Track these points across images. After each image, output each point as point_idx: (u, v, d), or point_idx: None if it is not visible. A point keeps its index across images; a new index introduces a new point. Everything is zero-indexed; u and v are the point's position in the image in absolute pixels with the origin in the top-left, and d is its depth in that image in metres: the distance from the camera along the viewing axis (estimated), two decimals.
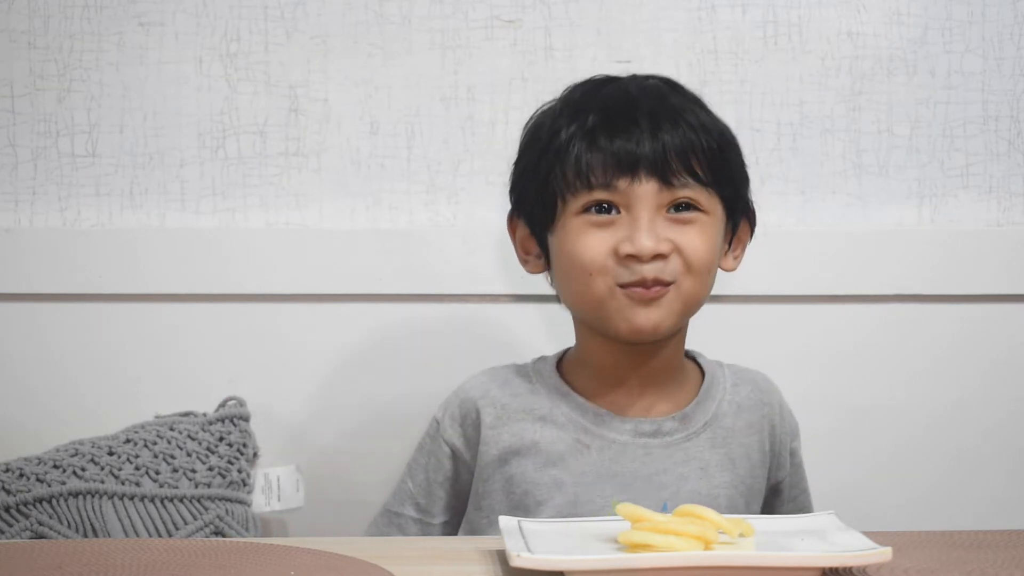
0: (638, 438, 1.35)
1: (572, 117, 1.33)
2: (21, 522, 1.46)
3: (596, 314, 1.33)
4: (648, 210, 1.30)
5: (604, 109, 1.32)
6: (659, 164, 1.30)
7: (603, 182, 1.30)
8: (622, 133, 1.30)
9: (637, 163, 1.29)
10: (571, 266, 1.32)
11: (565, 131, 1.32)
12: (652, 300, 1.30)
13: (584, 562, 1.02)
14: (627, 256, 1.29)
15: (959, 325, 1.75)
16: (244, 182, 1.71)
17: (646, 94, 1.34)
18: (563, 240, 1.33)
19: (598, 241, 1.30)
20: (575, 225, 1.31)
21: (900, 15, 1.74)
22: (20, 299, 1.68)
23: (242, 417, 1.60)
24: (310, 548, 1.14)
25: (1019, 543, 1.16)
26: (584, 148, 1.30)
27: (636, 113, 1.31)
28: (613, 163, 1.30)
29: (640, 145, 1.30)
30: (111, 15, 1.70)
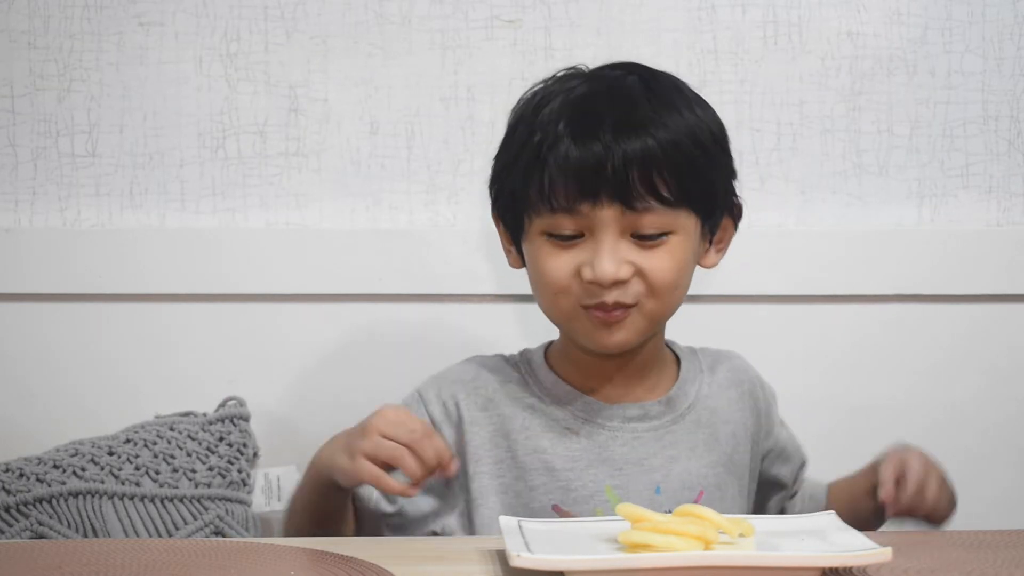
0: (627, 423, 1.36)
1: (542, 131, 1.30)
2: (21, 522, 1.46)
3: (564, 327, 1.35)
4: (610, 235, 1.28)
5: (570, 125, 1.29)
6: (622, 189, 1.27)
7: (565, 206, 1.28)
8: (585, 156, 1.27)
9: (599, 189, 1.27)
10: (539, 282, 1.33)
11: (533, 148, 1.30)
12: (614, 322, 1.30)
13: (584, 562, 1.02)
14: (588, 282, 1.29)
15: (959, 325, 1.75)
16: (244, 182, 1.71)
17: (617, 104, 1.30)
18: (530, 253, 1.33)
19: (562, 262, 1.30)
20: (540, 243, 1.31)
21: (900, 15, 1.74)
22: (20, 299, 1.69)
23: (242, 417, 1.60)
24: (310, 548, 1.14)
25: (1019, 543, 1.16)
26: (549, 171, 1.28)
27: (600, 132, 1.28)
28: (576, 188, 1.27)
29: (603, 170, 1.27)
30: (111, 15, 1.70)
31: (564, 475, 1.34)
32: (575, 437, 1.35)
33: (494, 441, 1.36)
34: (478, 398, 1.37)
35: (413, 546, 1.22)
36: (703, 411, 1.39)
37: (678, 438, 1.37)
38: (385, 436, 1.23)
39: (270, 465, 1.60)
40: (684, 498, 1.34)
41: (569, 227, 1.29)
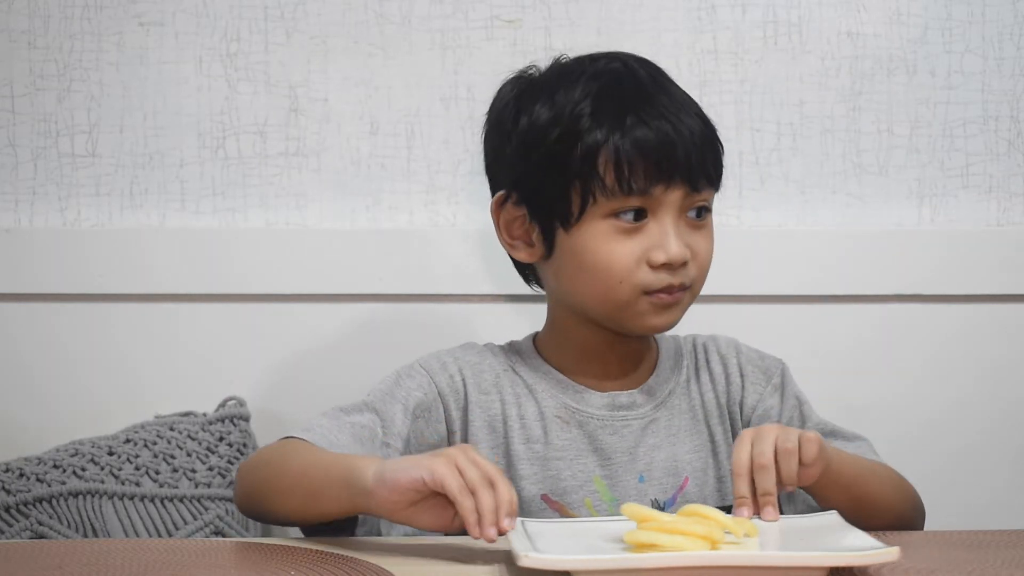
0: (616, 411, 1.36)
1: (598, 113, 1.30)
2: (21, 522, 1.46)
3: (613, 314, 1.32)
4: (673, 216, 1.29)
5: (634, 107, 1.30)
6: (689, 170, 1.29)
7: (641, 189, 1.28)
8: (660, 138, 1.28)
9: (673, 170, 1.28)
10: (596, 269, 1.30)
11: (599, 130, 1.29)
12: (674, 303, 1.31)
13: (591, 562, 1.02)
14: (660, 265, 1.29)
15: (959, 325, 1.75)
16: (244, 182, 1.71)
17: (657, 87, 1.33)
18: (586, 242, 1.30)
19: (627, 249, 1.29)
20: (603, 229, 1.29)
21: (900, 15, 1.74)
22: (20, 299, 1.68)
23: (242, 417, 1.60)
24: (310, 548, 1.14)
25: (1019, 543, 1.16)
26: (625, 152, 1.28)
27: (666, 113, 1.30)
28: (653, 170, 1.28)
29: (676, 151, 1.29)
30: (111, 15, 1.70)
31: (554, 464, 1.34)
32: (565, 427, 1.35)
33: (491, 427, 1.35)
34: (481, 381, 1.36)
35: (413, 546, 1.22)
36: (683, 397, 1.39)
37: (659, 426, 1.37)
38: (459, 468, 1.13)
39: None
40: (668, 485, 1.34)
41: (639, 207, 1.29)
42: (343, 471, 1.17)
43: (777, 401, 1.42)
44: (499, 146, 1.37)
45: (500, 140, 1.37)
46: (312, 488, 1.20)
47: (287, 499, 1.22)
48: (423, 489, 1.11)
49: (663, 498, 1.34)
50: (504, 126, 1.36)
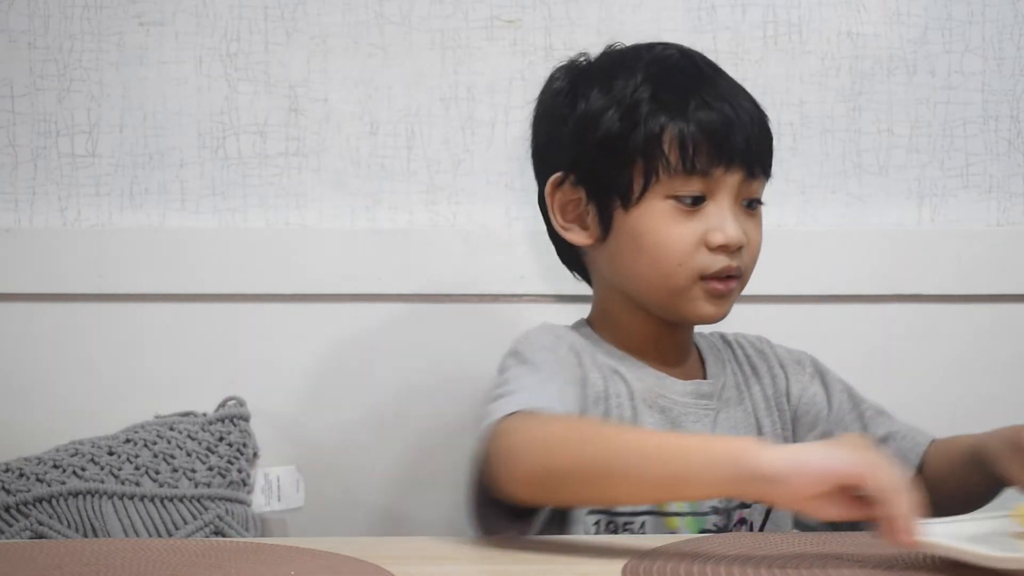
0: (699, 399, 1.36)
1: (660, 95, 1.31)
2: (21, 522, 1.46)
3: (667, 300, 1.32)
4: (730, 199, 1.31)
5: (697, 91, 1.31)
6: (747, 154, 1.31)
7: (704, 169, 1.29)
8: (723, 121, 1.30)
9: (733, 153, 1.30)
10: (656, 251, 1.30)
11: (664, 112, 1.30)
12: (727, 293, 1.32)
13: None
14: (717, 247, 1.29)
15: (959, 325, 1.75)
16: (244, 182, 1.71)
17: (714, 72, 1.34)
18: (645, 223, 1.31)
19: (687, 230, 1.30)
20: (663, 210, 1.30)
21: (900, 15, 1.74)
22: (20, 299, 1.69)
23: (242, 417, 1.60)
24: (310, 548, 1.14)
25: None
26: (690, 133, 1.29)
27: (727, 97, 1.31)
28: (716, 151, 1.29)
29: (736, 134, 1.30)
30: (111, 15, 1.70)
31: None
32: (649, 411, 1.33)
33: (595, 401, 1.32)
34: (586, 357, 1.34)
35: (413, 546, 1.22)
36: (732, 391, 1.39)
37: (723, 417, 1.37)
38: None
39: (270, 465, 1.60)
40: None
41: (697, 190, 1.30)
42: (715, 456, 1.09)
43: (820, 388, 1.44)
44: (553, 131, 1.37)
45: (554, 125, 1.37)
46: (665, 473, 1.11)
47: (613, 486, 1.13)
48: (837, 482, 1.05)
49: None
50: (559, 111, 1.36)
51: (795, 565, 1.04)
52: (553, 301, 1.69)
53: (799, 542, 1.15)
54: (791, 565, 1.05)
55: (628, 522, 1.30)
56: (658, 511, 1.31)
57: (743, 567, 1.04)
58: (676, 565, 1.05)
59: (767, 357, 1.44)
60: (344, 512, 1.68)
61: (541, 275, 1.69)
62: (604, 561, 1.09)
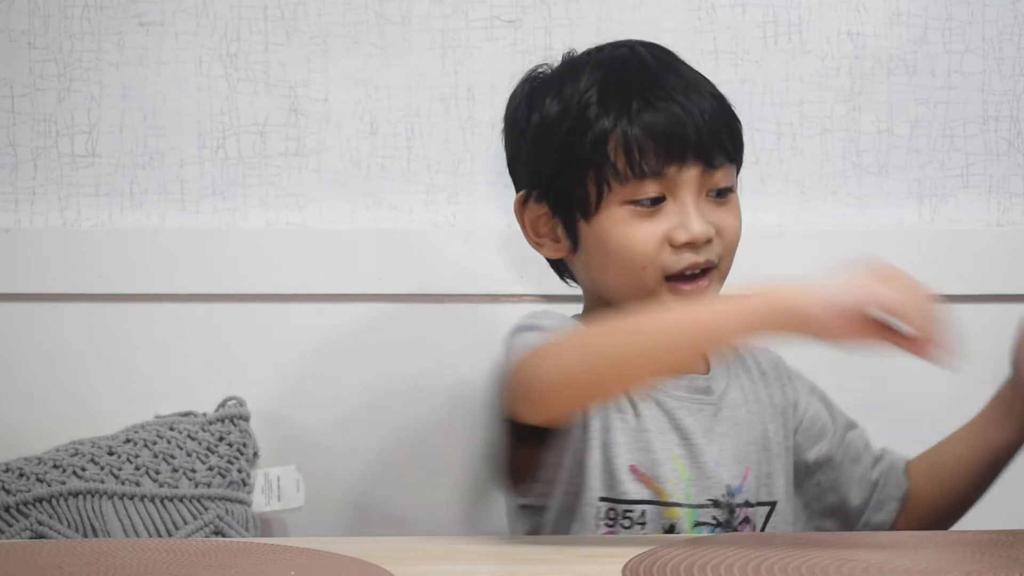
0: (694, 394, 1.35)
1: (606, 99, 1.30)
2: (21, 522, 1.46)
3: (640, 305, 1.31)
4: (692, 194, 1.30)
5: (640, 92, 1.30)
6: (703, 148, 1.30)
7: (654, 170, 1.29)
8: (669, 119, 1.29)
9: (685, 150, 1.29)
10: (619, 258, 1.30)
11: (606, 117, 1.29)
12: (695, 292, 1.31)
13: None
14: (682, 244, 1.29)
15: (959, 325, 1.74)
16: (244, 182, 1.71)
17: (665, 68, 1.34)
18: (606, 230, 1.31)
19: (648, 231, 1.29)
20: (621, 216, 1.30)
21: (900, 15, 1.74)
22: (20, 299, 1.68)
23: (242, 417, 1.60)
24: (310, 548, 1.14)
25: (1019, 543, 1.16)
26: (634, 136, 1.29)
27: (672, 94, 1.31)
28: (664, 151, 1.29)
29: (686, 130, 1.29)
30: (111, 15, 1.70)
31: (644, 436, 1.32)
32: (644, 403, 1.34)
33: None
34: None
35: (413, 546, 1.22)
36: (737, 390, 1.39)
37: (724, 414, 1.36)
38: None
39: (270, 465, 1.60)
40: (737, 473, 1.34)
41: (654, 191, 1.29)
42: (744, 301, 1.15)
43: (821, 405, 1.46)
44: (516, 145, 1.38)
45: (516, 139, 1.38)
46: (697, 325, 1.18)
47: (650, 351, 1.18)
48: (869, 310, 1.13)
49: (734, 484, 1.34)
50: (518, 125, 1.37)
51: (796, 565, 1.04)
52: (553, 301, 1.69)
53: (799, 542, 1.15)
54: (792, 565, 1.04)
55: (628, 510, 1.30)
56: (657, 500, 1.31)
57: (743, 567, 1.04)
58: (676, 565, 1.05)
59: (778, 367, 1.44)
60: (344, 512, 1.68)
61: (541, 275, 1.69)
62: (604, 561, 1.09)
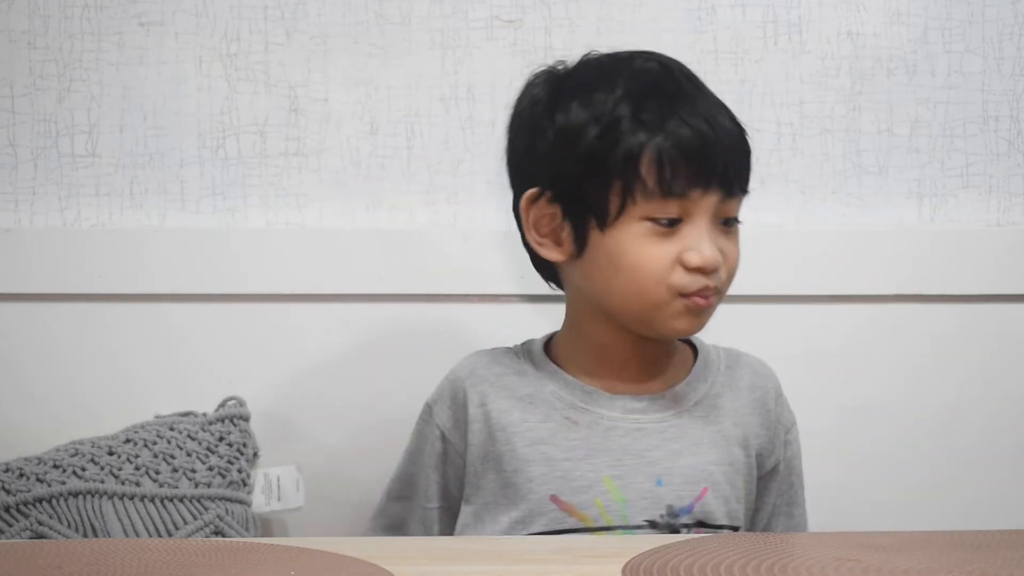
0: (628, 414, 1.35)
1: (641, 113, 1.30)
2: (21, 522, 1.46)
3: (645, 315, 1.32)
4: (707, 220, 1.31)
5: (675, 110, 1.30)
6: (727, 176, 1.31)
7: (681, 192, 1.29)
8: (702, 141, 1.29)
9: (712, 174, 1.30)
10: (632, 271, 1.30)
11: (642, 131, 1.29)
12: (705, 308, 1.32)
13: None
14: (694, 268, 1.29)
15: (959, 325, 1.75)
16: (244, 182, 1.71)
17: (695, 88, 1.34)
18: (621, 243, 1.31)
19: (663, 251, 1.30)
20: (639, 231, 1.30)
21: (900, 15, 1.74)
22: (20, 299, 1.68)
23: (242, 417, 1.60)
24: (310, 548, 1.14)
25: (1019, 543, 1.16)
26: (667, 155, 1.28)
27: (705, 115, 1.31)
28: (694, 173, 1.29)
29: (715, 154, 1.30)
30: (111, 15, 1.70)
31: (562, 465, 1.33)
32: (574, 427, 1.35)
33: (492, 436, 1.36)
34: (474, 395, 1.37)
35: (413, 546, 1.22)
36: (712, 408, 1.38)
37: (683, 432, 1.36)
38: None
39: (270, 465, 1.60)
40: (687, 492, 1.34)
41: (674, 212, 1.30)
42: None
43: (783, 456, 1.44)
44: (530, 142, 1.36)
45: (531, 136, 1.36)
46: None
47: None
48: None
49: (679, 504, 1.33)
50: (537, 122, 1.35)
51: (795, 565, 1.04)
52: (552, 301, 1.69)
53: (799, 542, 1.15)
54: (791, 565, 1.04)
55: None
56: (582, 528, 1.32)
57: (743, 567, 1.04)
58: (676, 565, 1.05)
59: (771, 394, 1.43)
60: (344, 512, 1.68)
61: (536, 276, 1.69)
62: (604, 561, 1.09)
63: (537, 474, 1.34)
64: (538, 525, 1.32)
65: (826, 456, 1.62)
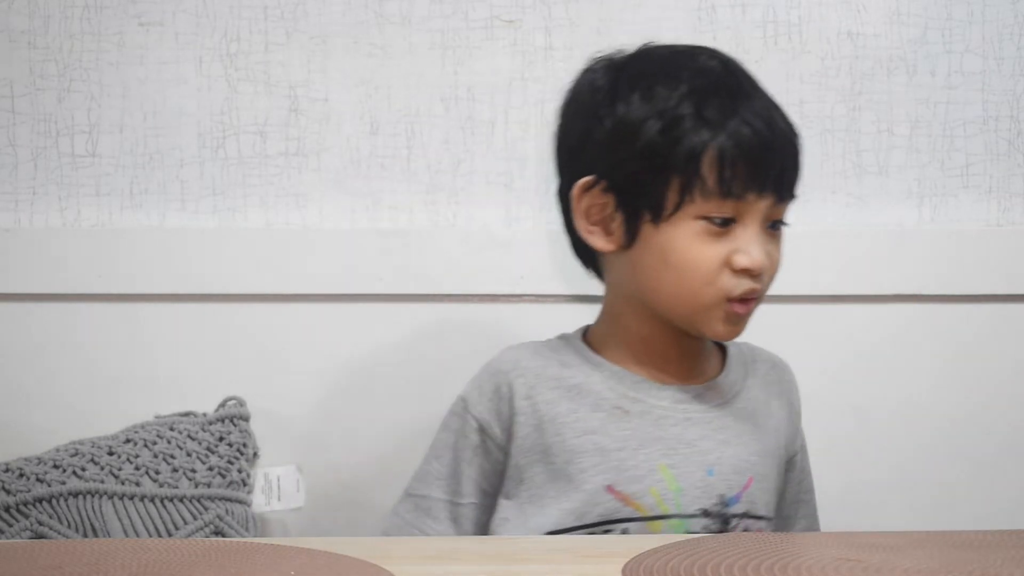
0: (678, 404, 1.35)
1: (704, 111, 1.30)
2: (21, 522, 1.46)
3: (690, 315, 1.32)
4: (758, 223, 1.31)
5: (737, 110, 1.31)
6: (781, 180, 1.32)
7: (738, 194, 1.29)
8: (762, 143, 1.30)
9: (767, 178, 1.30)
10: (682, 270, 1.30)
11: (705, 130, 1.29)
12: (743, 316, 1.33)
13: None
14: (741, 269, 1.30)
15: (959, 325, 1.75)
16: (244, 182, 1.71)
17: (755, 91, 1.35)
18: (673, 240, 1.31)
19: (714, 252, 1.30)
20: (694, 229, 1.30)
21: (900, 15, 1.74)
22: (20, 299, 1.69)
23: (242, 417, 1.60)
24: (310, 548, 1.14)
25: (1019, 543, 1.16)
26: (729, 155, 1.29)
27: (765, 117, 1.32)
28: (752, 176, 1.30)
29: (774, 157, 1.31)
30: (111, 15, 1.70)
31: (616, 455, 1.32)
32: (625, 417, 1.34)
33: (540, 428, 1.34)
34: (520, 387, 1.35)
35: (413, 546, 1.22)
36: (747, 400, 1.39)
37: (727, 423, 1.36)
38: None
39: (270, 465, 1.60)
40: (735, 483, 1.34)
41: (729, 212, 1.30)
42: None
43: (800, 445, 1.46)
44: (587, 130, 1.35)
45: (589, 124, 1.35)
46: None
47: None
48: None
49: (729, 494, 1.34)
50: (596, 110, 1.34)
51: (796, 565, 1.04)
52: (553, 301, 1.69)
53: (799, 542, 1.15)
54: (792, 565, 1.04)
55: (607, 531, 1.31)
56: (638, 517, 1.31)
57: (743, 567, 1.04)
58: (676, 565, 1.05)
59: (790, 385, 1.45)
60: (344, 512, 1.68)
61: (541, 275, 1.69)
62: (604, 561, 1.09)
63: (590, 464, 1.32)
64: (593, 515, 1.31)
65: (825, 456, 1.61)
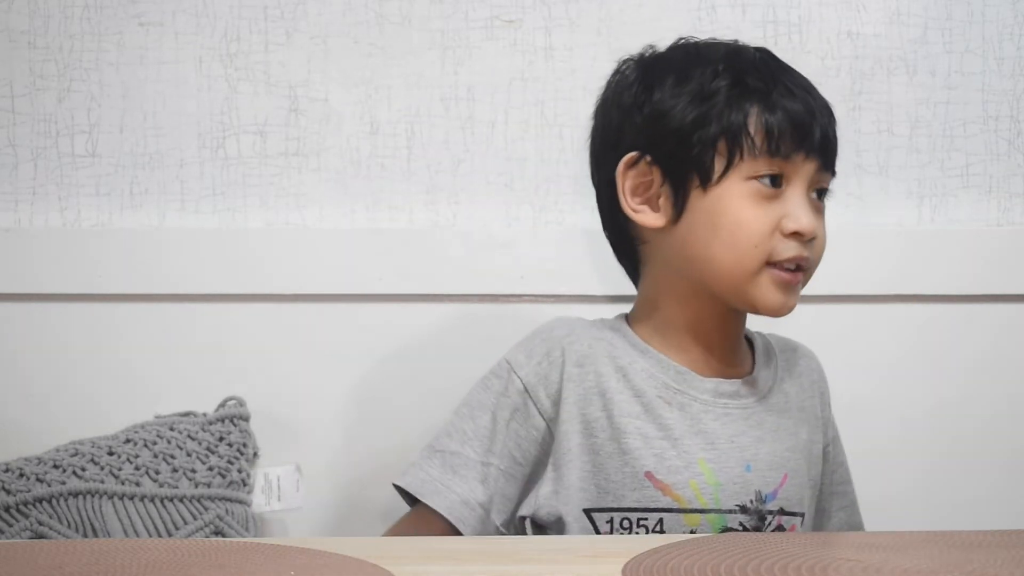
0: (718, 398, 1.35)
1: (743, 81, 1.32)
2: (21, 522, 1.46)
3: (737, 283, 1.31)
4: (804, 187, 1.32)
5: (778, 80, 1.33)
6: (825, 146, 1.33)
7: (786, 153, 1.30)
8: (805, 108, 1.32)
9: (812, 137, 1.31)
10: (733, 232, 1.30)
11: (749, 95, 1.31)
12: (794, 283, 1.32)
13: None
14: (791, 233, 1.30)
15: (959, 325, 1.75)
16: (244, 182, 1.71)
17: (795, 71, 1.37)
18: (724, 202, 1.31)
19: (764, 214, 1.30)
20: (743, 191, 1.30)
21: (900, 15, 1.74)
22: (20, 299, 1.68)
23: (242, 417, 1.60)
24: (310, 548, 1.14)
25: (1019, 543, 1.16)
26: (775, 116, 1.30)
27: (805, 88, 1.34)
28: (797, 134, 1.30)
29: (816, 122, 1.32)
30: (111, 15, 1.70)
31: (658, 443, 1.32)
32: (667, 407, 1.33)
33: (587, 399, 1.33)
34: (573, 354, 1.34)
35: (413, 546, 1.22)
36: (780, 395, 1.39)
37: (763, 419, 1.36)
38: None
39: (270, 465, 1.60)
40: (771, 479, 1.34)
41: (777, 170, 1.31)
42: None
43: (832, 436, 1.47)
44: (625, 117, 1.36)
45: (626, 113, 1.36)
46: None
47: None
48: None
49: (766, 491, 1.34)
50: (633, 100, 1.36)
51: (796, 565, 1.04)
52: (553, 301, 1.69)
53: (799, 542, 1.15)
54: (792, 565, 1.04)
55: (643, 518, 1.30)
56: (676, 508, 1.31)
57: (743, 567, 1.04)
58: (676, 565, 1.05)
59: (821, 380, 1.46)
60: (344, 512, 1.68)
61: (541, 275, 1.69)
62: (604, 561, 1.09)
63: (633, 447, 1.31)
64: (630, 500, 1.31)
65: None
